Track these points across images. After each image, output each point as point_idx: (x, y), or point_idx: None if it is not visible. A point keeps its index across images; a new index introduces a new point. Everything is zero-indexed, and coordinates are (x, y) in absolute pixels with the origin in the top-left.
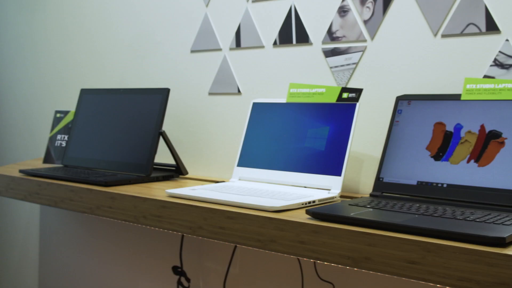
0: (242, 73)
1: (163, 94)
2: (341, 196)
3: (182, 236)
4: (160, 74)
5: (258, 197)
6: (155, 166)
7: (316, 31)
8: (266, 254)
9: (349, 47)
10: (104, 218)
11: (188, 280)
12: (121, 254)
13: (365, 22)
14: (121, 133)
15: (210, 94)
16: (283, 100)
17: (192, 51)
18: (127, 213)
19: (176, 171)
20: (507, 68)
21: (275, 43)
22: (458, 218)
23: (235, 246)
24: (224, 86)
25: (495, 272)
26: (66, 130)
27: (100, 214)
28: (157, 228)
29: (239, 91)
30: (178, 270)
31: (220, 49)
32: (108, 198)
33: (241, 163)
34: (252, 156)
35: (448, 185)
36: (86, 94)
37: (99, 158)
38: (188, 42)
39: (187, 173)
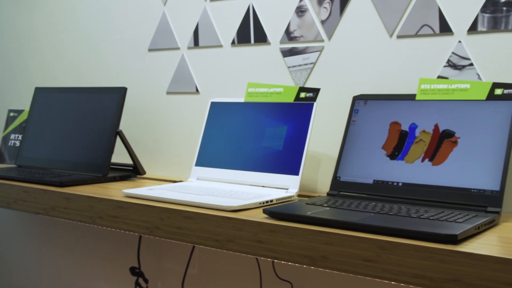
0: (200, 72)
1: (120, 93)
2: (299, 195)
3: (140, 236)
4: (118, 73)
5: (216, 197)
6: (112, 166)
7: (274, 30)
8: (225, 253)
9: (307, 47)
10: (60, 219)
11: (146, 281)
12: (77, 256)
13: (323, 22)
14: (77, 133)
15: (168, 93)
16: (241, 99)
17: (150, 50)
18: (83, 213)
19: (134, 171)
20: (460, 69)
21: (233, 43)
22: (413, 216)
23: (194, 246)
24: (182, 85)
25: (447, 268)
26: (20, 129)
27: (55, 215)
28: (113, 229)
29: (197, 90)
30: (135, 271)
31: (178, 48)
32: (63, 198)
33: (199, 163)
34: (210, 155)
35: (404, 183)
36: (40, 93)
37: (54, 158)
38: (146, 41)
39: (144, 173)
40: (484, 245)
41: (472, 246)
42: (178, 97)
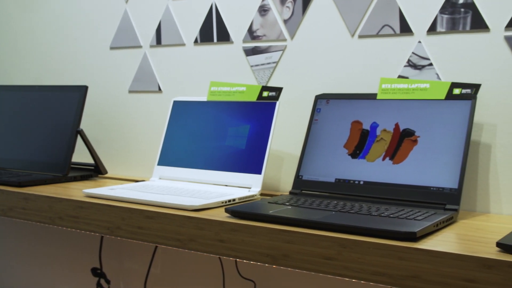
0: (162, 71)
1: (80, 91)
2: (262, 194)
3: (102, 237)
4: (78, 71)
5: (178, 196)
6: (72, 166)
7: (237, 29)
8: (188, 253)
9: (270, 46)
10: (18, 220)
11: (108, 281)
12: (36, 258)
13: (285, 21)
14: (37, 132)
15: (130, 92)
16: (203, 98)
17: (112, 48)
18: (42, 214)
19: (95, 171)
20: (419, 69)
21: (196, 41)
22: (373, 214)
23: (156, 246)
24: (145, 84)
25: (406, 265)
26: None
27: (13, 216)
28: (74, 229)
29: (159, 89)
30: (97, 272)
31: (140, 46)
32: (21, 199)
33: (161, 162)
34: (173, 154)
35: (365, 182)
36: None
37: (12, 157)
38: (107, 39)
39: (106, 172)
40: (442, 242)
41: (431, 243)
42: (140, 96)
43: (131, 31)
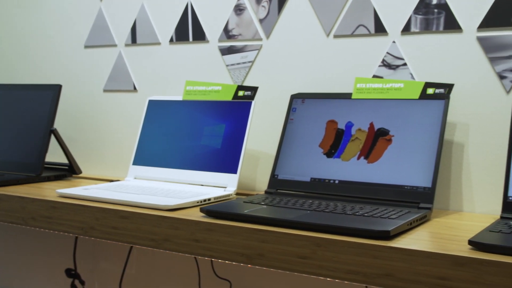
0: (138, 70)
1: (54, 90)
2: (238, 194)
3: (76, 237)
4: (52, 70)
5: (153, 196)
6: (46, 166)
7: (212, 28)
8: (163, 253)
9: (245, 46)
10: None
11: (82, 282)
12: (9, 259)
13: (261, 21)
14: (10, 131)
15: (105, 91)
16: (179, 97)
17: (86, 47)
18: (14, 214)
19: (69, 170)
20: (394, 69)
21: (171, 40)
22: (348, 213)
23: (131, 246)
24: (120, 83)
25: (380, 264)
26: None
27: None
28: (47, 230)
29: (134, 88)
30: (71, 273)
31: (115, 45)
32: None
33: (136, 162)
34: (148, 154)
35: (340, 181)
36: None
37: None
38: (82, 37)
39: (80, 172)
40: (416, 240)
41: (404, 242)
42: (115, 95)
43: (106, 30)
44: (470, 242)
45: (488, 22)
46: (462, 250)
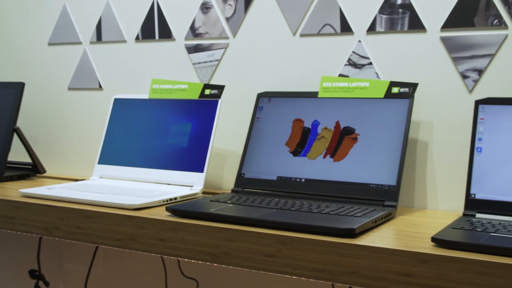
0: (103, 68)
1: (17, 88)
2: (204, 193)
3: (40, 238)
4: (15, 67)
5: (118, 195)
6: (9, 165)
7: (179, 27)
8: (130, 253)
9: (212, 44)
10: None
11: (46, 283)
12: None
13: (227, 19)
14: None
15: (69, 89)
16: (145, 96)
17: (50, 44)
18: None
19: (33, 170)
20: (359, 68)
21: (137, 38)
22: (314, 211)
23: (97, 246)
24: (85, 81)
25: (345, 261)
26: None
27: None
28: (9, 231)
29: (100, 86)
30: (35, 274)
31: (80, 43)
32: None
33: (102, 161)
34: (114, 153)
35: (306, 179)
36: None
37: None
38: (46, 34)
39: (44, 171)
40: (380, 238)
41: (369, 239)
42: (80, 93)
43: (70, 27)
44: (433, 239)
45: (451, 22)
46: (426, 247)
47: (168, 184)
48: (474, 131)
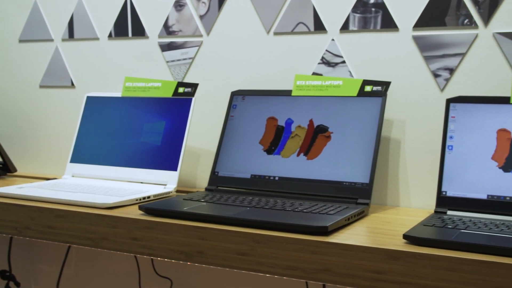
0: (75, 65)
1: None
2: (178, 191)
3: (11, 238)
4: None
5: (91, 194)
6: None
7: (152, 24)
8: (103, 252)
9: (186, 42)
10: None
11: (17, 284)
12: None
13: (201, 17)
14: None
15: (41, 87)
16: (118, 94)
17: (21, 41)
18: None
19: (3, 169)
20: (333, 66)
21: (110, 36)
22: (287, 209)
23: (69, 246)
24: (57, 78)
25: (318, 259)
26: None
27: None
28: None
29: (72, 84)
30: (6, 275)
31: (51, 40)
32: None
33: (74, 159)
34: (86, 151)
35: (280, 177)
36: None
37: None
38: (16, 31)
39: (15, 170)
40: (353, 235)
41: (342, 237)
42: (52, 91)
43: (42, 24)
44: (405, 236)
45: (423, 22)
46: (397, 244)
47: (141, 182)
48: (446, 129)
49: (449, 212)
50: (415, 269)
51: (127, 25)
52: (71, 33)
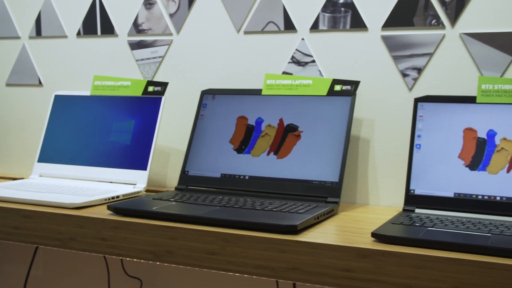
0: (43, 63)
1: None
2: (148, 191)
3: None
4: None
5: (58, 194)
6: None
7: (121, 22)
8: (71, 253)
9: (155, 40)
10: None
11: None
12: None
13: (171, 15)
14: None
15: (7, 85)
16: (87, 92)
17: None
18: None
19: None
20: (303, 66)
21: (79, 34)
22: (257, 208)
23: (37, 247)
24: (24, 77)
25: (288, 258)
26: None
27: None
28: None
29: (40, 82)
30: None
31: (18, 37)
32: None
33: (41, 159)
34: (54, 151)
35: (250, 177)
36: None
37: None
38: None
39: None
40: (322, 234)
41: (311, 236)
42: (19, 90)
43: (8, 21)
44: (373, 234)
45: (392, 22)
46: (366, 243)
47: (110, 182)
48: (414, 128)
49: (417, 210)
50: (383, 267)
51: (96, 23)
52: (38, 31)
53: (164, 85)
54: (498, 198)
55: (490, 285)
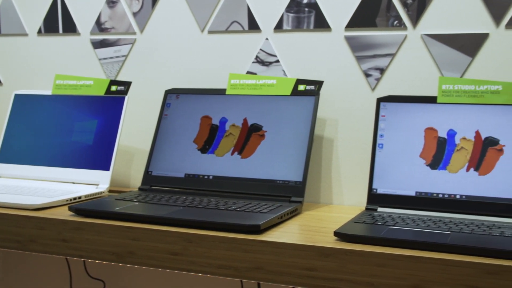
0: (2, 62)
1: None
2: (111, 191)
3: None
4: None
5: (18, 195)
6: None
7: (84, 21)
8: (32, 255)
9: (119, 39)
10: None
11: None
12: None
13: (135, 14)
14: None
15: None
16: (48, 92)
17: None
18: None
19: None
20: (267, 65)
21: (39, 32)
22: (221, 208)
23: None
24: None
25: (251, 257)
26: None
27: None
28: None
29: None
30: None
31: None
32: None
33: (1, 159)
34: (14, 151)
35: (214, 177)
36: None
37: None
38: None
39: None
40: (285, 233)
41: (274, 235)
42: None
43: None
44: (336, 233)
45: (355, 22)
46: (329, 241)
47: (73, 183)
48: (376, 128)
49: (380, 209)
50: (346, 265)
51: (58, 21)
52: None
53: (127, 84)
54: (458, 197)
55: (450, 282)
